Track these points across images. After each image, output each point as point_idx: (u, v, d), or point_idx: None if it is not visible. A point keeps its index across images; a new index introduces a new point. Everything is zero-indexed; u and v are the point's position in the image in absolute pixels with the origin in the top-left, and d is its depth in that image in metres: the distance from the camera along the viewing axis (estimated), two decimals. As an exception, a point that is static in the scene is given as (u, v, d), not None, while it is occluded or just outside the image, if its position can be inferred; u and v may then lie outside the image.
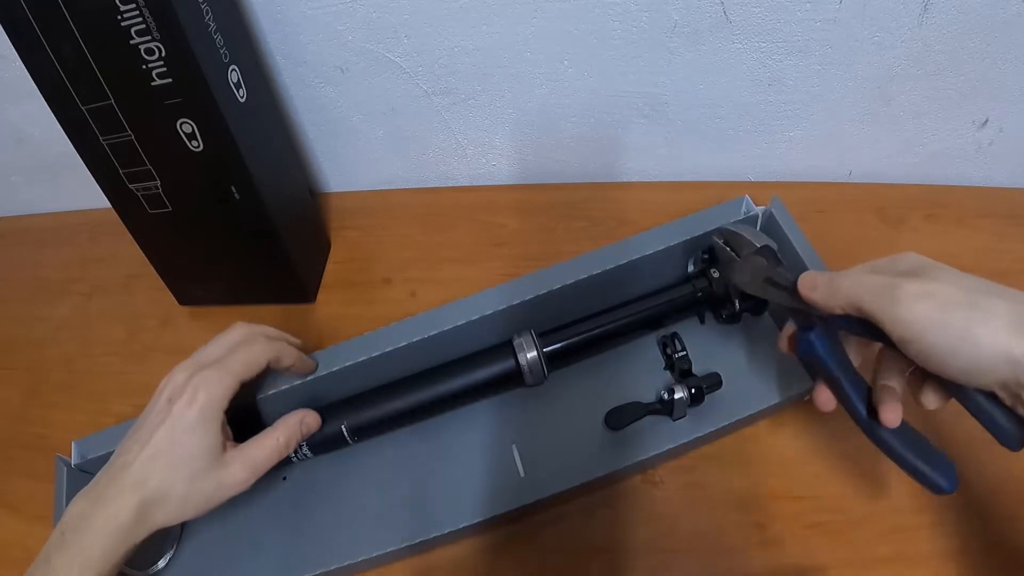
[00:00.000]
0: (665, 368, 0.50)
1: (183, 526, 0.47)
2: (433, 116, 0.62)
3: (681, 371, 0.47)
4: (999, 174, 0.62)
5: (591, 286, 0.46)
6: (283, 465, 0.46)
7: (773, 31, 0.52)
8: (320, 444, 0.46)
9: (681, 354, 0.47)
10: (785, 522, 0.44)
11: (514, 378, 0.46)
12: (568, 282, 0.46)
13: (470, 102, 0.60)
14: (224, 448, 0.39)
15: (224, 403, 0.39)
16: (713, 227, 0.47)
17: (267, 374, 0.44)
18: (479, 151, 0.65)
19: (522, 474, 0.46)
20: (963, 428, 0.47)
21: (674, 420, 0.46)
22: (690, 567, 0.43)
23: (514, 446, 0.47)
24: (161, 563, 0.46)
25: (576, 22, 0.53)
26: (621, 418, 0.46)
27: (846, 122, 0.59)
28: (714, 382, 0.46)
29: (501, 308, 0.45)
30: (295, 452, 0.46)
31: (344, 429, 0.46)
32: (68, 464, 0.45)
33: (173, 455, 0.37)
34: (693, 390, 0.45)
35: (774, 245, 0.43)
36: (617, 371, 0.50)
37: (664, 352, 0.50)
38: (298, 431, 0.43)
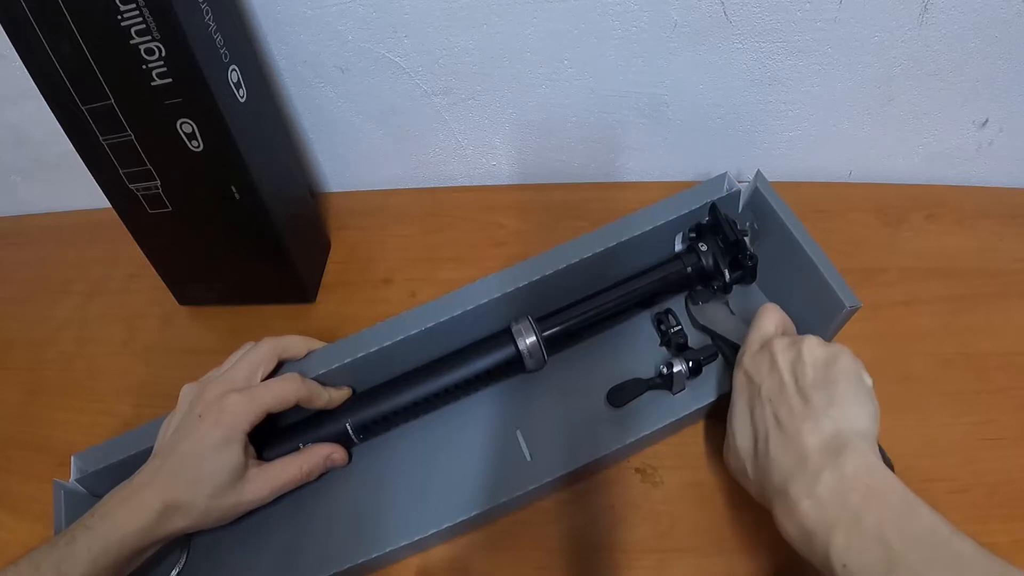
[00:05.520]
0: (661, 344, 0.50)
1: (191, 538, 0.47)
2: (433, 116, 0.62)
3: (677, 345, 0.48)
4: (999, 174, 0.62)
5: (582, 270, 0.47)
6: None
7: (773, 31, 0.52)
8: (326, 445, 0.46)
9: (676, 329, 0.48)
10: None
11: (515, 364, 0.46)
12: (560, 267, 0.46)
13: (470, 102, 0.60)
14: (247, 466, 0.41)
15: (249, 427, 0.41)
16: (699, 204, 0.48)
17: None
18: (479, 151, 0.65)
19: (529, 458, 0.46)
20: (963, 427, 0.48)
21: (674, 394, 0.47)
22: (690, 567, 0.43)
23: (518, 432, 0.48)
24: (173, 573, 0.46)
25: (576, 22, 0.53)
26: (622, 395, 0.47)
27: (846, 122, 0.59)
28: (711, 353, 0.47)
29: (496, 296, 0.46)
30: None
31: (349, 427, 0.46)
32: (64, 487, 0.44)
33: (198, 470, 0.39)
34: (691, 363, 0.46)
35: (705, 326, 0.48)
36: (614, 351, 0.50)
37: (659, 329, 0.50)
38: (322, 465, 0.45)
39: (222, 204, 0.50)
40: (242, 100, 0.47)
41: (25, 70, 0.43)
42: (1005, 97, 0.56)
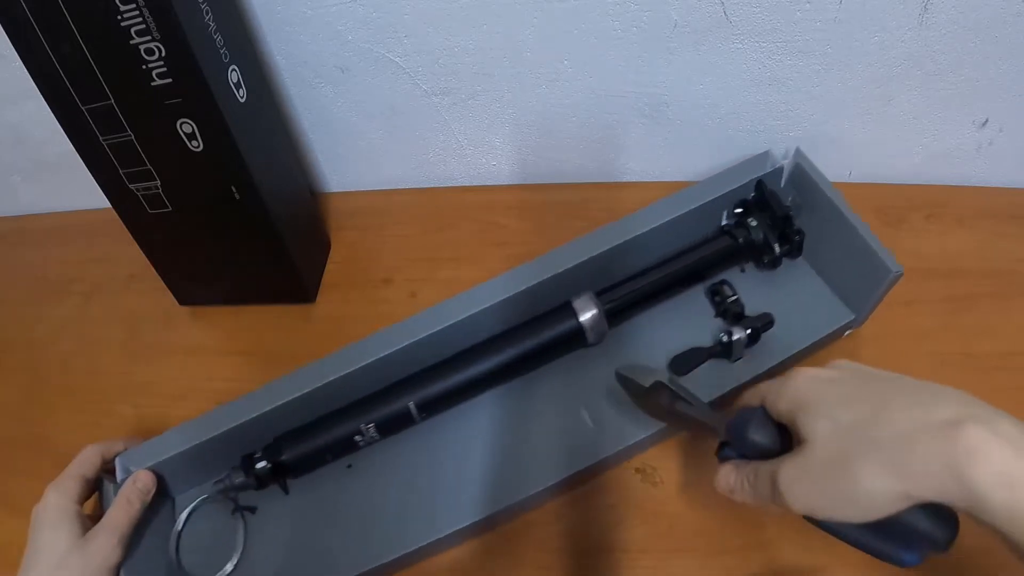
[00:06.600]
0: (716, 315, 0.52)
1: (246, 528, 0.47)
2: (433, 116, 0.62)
3: (734, 315, 0.50)
4: (999, 174, 0.62)
5: (637, 248, 0.49)
6: (348, 451, 0.47)
7: (773, 31, 0.52)
8: (387, 425, 0.46)
9: (733, 299, 0.50)
10: (785, 522, 0.44)
11: (576, 338, 0.47)
12: (616, 243, 0.48)
13: (470, 102, 0.60)
14: (84, 532, 0.43)
15: (72, 498, 0.44)
16: (743, 182, 0.50)
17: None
18: (479, 151, 0.65)
19: (591, 426, 0.48)
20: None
21: (732, 362, 0.49)
22: (690, 567, 0.44)
23: (583, 409, 0.49)
24: (228, 567, 0.46)
25: (576, 22, 0.53)
26: (685, 363, 0.48)
27: (846, 122, 0.59)
28: (767, 321, 0.48)
29: (561, 271, 0.47)
30: (360, 436, 0.46)
31: (412, 407, 0.46)
32: (113, 486, 0.45)
33: (35, 551, 0.42)
34: (749, 331, 0.47)
35: (665, 380, 0.43)
36: (666, 325, 0.52)
37: (714, 300, 0.52)
38: (134, 487, 0.45)
39: (222, 204, 0.50)
40: (242, 100, 0.47)
41: (25, 70, 0.43)
42: (1005, 97, 0.56)
